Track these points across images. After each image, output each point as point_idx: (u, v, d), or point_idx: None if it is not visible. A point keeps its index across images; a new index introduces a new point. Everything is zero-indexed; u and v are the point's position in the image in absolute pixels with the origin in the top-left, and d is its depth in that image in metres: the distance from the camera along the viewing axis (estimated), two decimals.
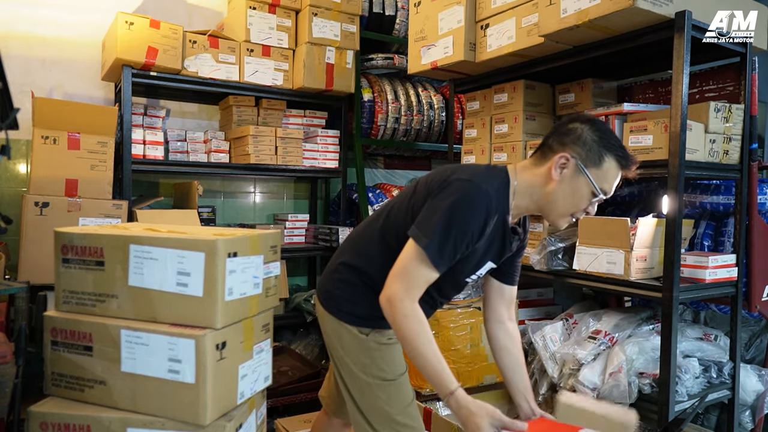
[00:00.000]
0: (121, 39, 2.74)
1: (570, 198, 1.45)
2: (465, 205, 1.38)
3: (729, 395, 2.23)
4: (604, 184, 1.45)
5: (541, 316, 2.90)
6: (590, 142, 1.44)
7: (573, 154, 1.44)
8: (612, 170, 1.45)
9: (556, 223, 1.52)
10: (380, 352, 1.57)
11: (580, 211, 1.48)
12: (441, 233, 1.37)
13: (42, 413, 1.45)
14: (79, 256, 1.52)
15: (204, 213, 3.21)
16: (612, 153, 1.44)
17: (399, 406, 1.55)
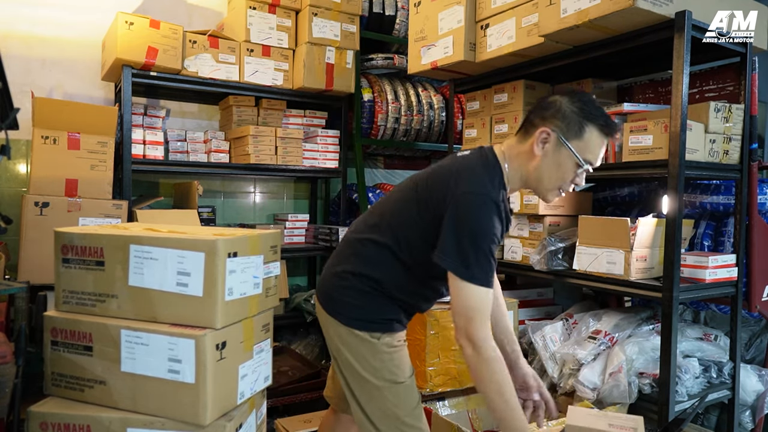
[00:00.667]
0: (121, 39, 2.74)
1: (555, 172, 1.47)
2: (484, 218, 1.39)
3: (729, 395, 2.23)
4: (587, 155, 1.46)
5: (541, 316, 2.90)
6: (570, 114, 1.45)
7: (553, 128, 1.45)
8: (594, 140, 1.46)
9: (546, 197, 1.53)
10: (391, 355, 1.55)
11: (567, 183, 1.49)
12: (475, 254, 1.37)
13: (42, 413, 1.45)
14: (79, 256, 1.52)
15: (204, 213, 3.21)
16: (593, 122, 1.45)
17: (407, 408, 1.55)
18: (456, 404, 2.41)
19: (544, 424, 1.71)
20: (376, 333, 1.55)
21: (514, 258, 2.71)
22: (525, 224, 2.66)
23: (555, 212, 2.58)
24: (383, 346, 1.55)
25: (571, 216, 2.62)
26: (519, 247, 2.69)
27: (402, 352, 1.59)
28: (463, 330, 1.40)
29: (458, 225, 1.40)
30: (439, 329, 2.22)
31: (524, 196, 2.60)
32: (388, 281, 1.54)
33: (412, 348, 2.24)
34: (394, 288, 1.50)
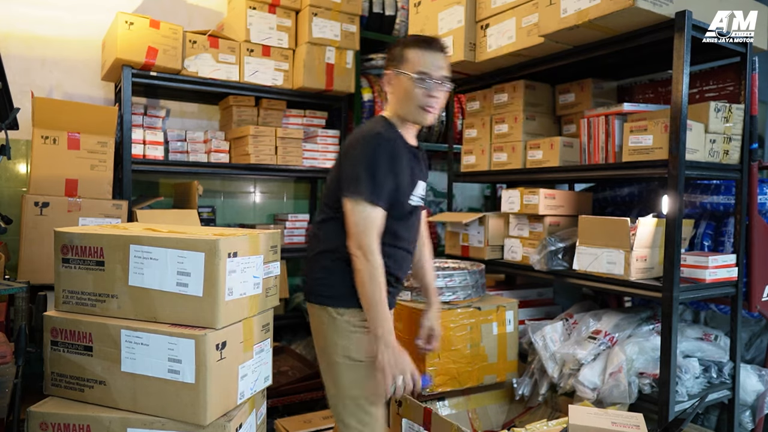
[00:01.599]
0: (121, 39, 2.74)
1: (406, 96, 1.66)
2: (370, 147, 1.60)
3: (729, 395, 2.23)
4: (418, 68, 1.64)
5: (541, 316, 2.90)
6: (394, 52, 1.70)
7: (389, 68, 1.72)
8: (417, 56, 1.65)
9: (418, 120, 1.69)
10: (353, 334, 1.65)
11: (424, 100, 1.65)
12: (365, 177, 1.57)
13: (42, 413, 1.45)
14: (79, 256, 1.52)
15: (204, 213, 3.21)
16: (408, 46, 1.67)
17: (359, 390, 1.63)
18: (456, 404, 2.41)
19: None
20: (340, 309, 1.65)
21: (514, 258, 2.71)
22: (525, 224, 2.66)
23: (555, 212, 2.58)
24: (345, 323, 1.65)
25: (571, 216, 2.62)
26: (519, 247, 2.69)
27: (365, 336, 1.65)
28: (356, 240, 1.57)
29: (351, 161, 1.61)
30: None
31: (524, 196, 2.60)
32: (342, 245, 1.63)
33: (413, 348, 2.24)
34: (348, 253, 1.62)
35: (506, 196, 2.71)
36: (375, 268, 1.55)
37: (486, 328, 2.33)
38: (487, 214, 2.81)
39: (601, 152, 2.35)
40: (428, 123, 1.71)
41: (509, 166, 2.75)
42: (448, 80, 1.69)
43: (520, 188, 2.64)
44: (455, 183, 3.17)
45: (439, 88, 1.66)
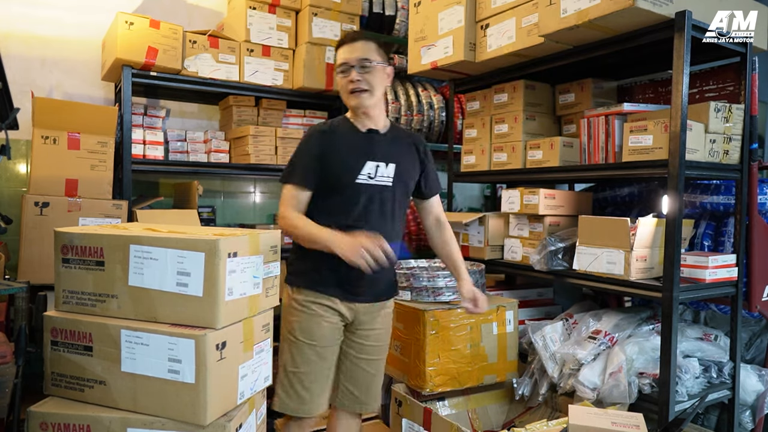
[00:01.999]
0: (121, 39, 2.74)
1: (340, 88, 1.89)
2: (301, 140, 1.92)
3: (729, 395, 2.23)
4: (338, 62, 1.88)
5: (541, 316, 2.90)
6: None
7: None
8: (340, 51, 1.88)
9: (351, 104, 1.88)
10: (297, 313, 1.85)
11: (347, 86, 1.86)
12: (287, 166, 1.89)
13: (42, 413, 1.45)
14: (79, 256, 1.52)
15: (204, 213, 3.21)
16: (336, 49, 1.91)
17: (292, 365, 1.83)
18: (456, 404, 2.41)
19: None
20: (293, 287, 1.88)
21: (514, 258, 2.71)
22: (525, 224, 2.66)
23: (555, 212, 2.58)
24: (293, 302, 1.87)
25: (571, 216, 2.62)
26: (519, 247, 2.69)
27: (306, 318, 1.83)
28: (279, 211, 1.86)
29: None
30: (439, 329, 2.22)
31: (524, 196, 2.60)
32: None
33: (413, 348, 2.24)
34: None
35: (506, 196, 2.71)
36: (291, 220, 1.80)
37: (486, 328, 2.33)
38: (487, 214, 2.81)
39: (601, 152, 2.35)
40: (360, 104, 1.86)
41: (509, 166, 2.75)
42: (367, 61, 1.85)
43: (520, 188, 2.64)
44: (455, 183, 3.17)
45: (354, 71, 1.84)
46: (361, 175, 1.85)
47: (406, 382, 2.34)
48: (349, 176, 1.83)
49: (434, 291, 2.29)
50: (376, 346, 1.96)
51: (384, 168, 1.89)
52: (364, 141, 1.89)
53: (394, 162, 1.91)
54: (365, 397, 1.96)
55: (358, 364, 1.93)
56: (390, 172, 1.90)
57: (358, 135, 1.90)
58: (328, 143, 1.85)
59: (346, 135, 1.89)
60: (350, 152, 1.86)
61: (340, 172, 1.84)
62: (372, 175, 1.87)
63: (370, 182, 1.86)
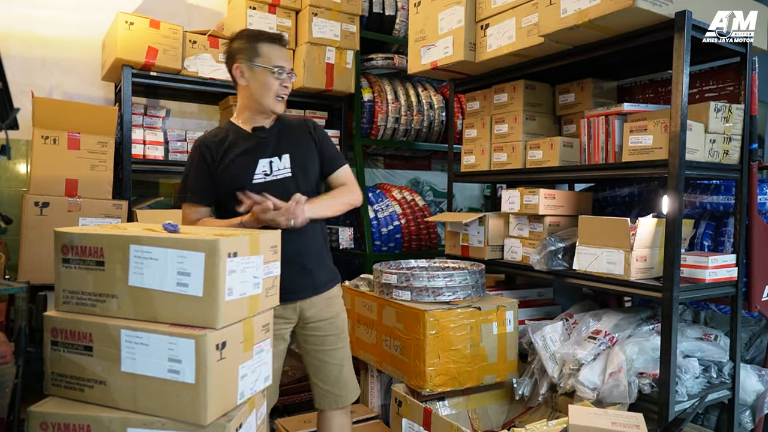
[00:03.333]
0: (121, 39, 2.74)
1: (264, 87, 1.82)
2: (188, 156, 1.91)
3: (729, 395, 2.23)
4: (275, 62, 1.82)
5: (541, 316, 2.90)
6: (243, 46, 1.83)
7: (239, 62, 1.83)
8: (271, 50, 1.83)
9: (273, 108, 1.86)
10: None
11: (280, 89, 1.84)
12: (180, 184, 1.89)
13: (42, 413, 1.45)
14: (79, 256, 1.52)
15: None
16: (260, 40, 1.83)
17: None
18: (456, 404, 2.41)
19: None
20: None
21: (514, 258, 2.71)
22: (525, 224, 2.66)
23: (555, 212, 2.58)
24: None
25: (571, 216, 2.62)
26: (519, 247, 2.69)
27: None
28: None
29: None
30: (439, 329, 2.22)
31: (524, 196, 2.60)
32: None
33: (413, 348, 2.24)
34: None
35: (506, 196, 2.71)
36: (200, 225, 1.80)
37: (486, 328, 2.33)
38: (487, 214, 2.81)
39: (601, 152, 2.35)
40: (281, 111, 1.89)
41: (509, 166, 2.75)
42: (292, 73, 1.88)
43: (520, 188, 2.64)
44: (455, 183, 3.17)
45: (290, 79, 1.87)
46: (256, 175, 1.84)
47: (406, 382, 2.34)
48: (244, 179, 1.82)
49: (434, 291, 2.29)
50: (332, 336, 1.96)
51: (279, 162, 1.88)
52: (251, 141, 1.88)
53: (287, 153, 1.89)
54: (338, 389, 1.96)
55: (320, 357, 1.94)
56: (286, 164, 1.89)
57: (244, 136, 1.88)
58: (215, 154, 1.84)
59: (232, 140, 1.87)
60: (239, 156, 1.84)
61: (234, 178, 1.82)
62: (268, 172, 1.86)
63: (269, 179, 1.85)
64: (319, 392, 1.96)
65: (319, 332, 1.94)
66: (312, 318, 1.92)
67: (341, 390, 1.97)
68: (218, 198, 1.87)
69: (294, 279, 1.86)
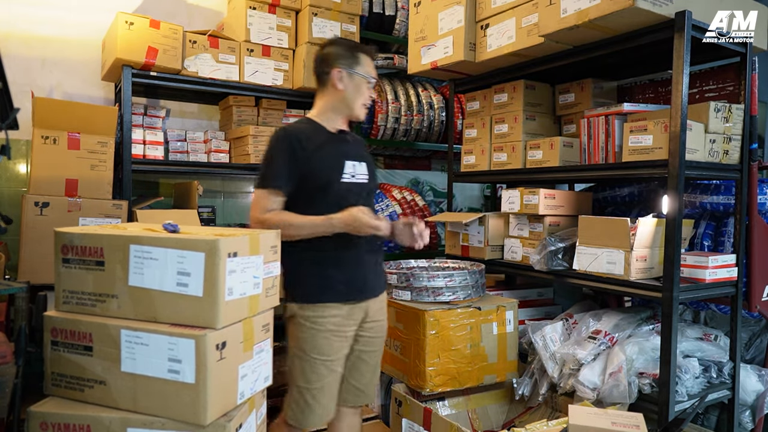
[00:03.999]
0: (121, 39, 2.74)
1: (358, 94, 1.93)
2: (272, 142, 1.86)
3: (729, 395, 2.23)
4: (370, 72, 1.94)
5: (541, 316, 2.90)
6: (343, 53, 1.91)
7: (340, 67, 1.90)
8: (368, 61, 1.94)
9: (360, 114, 1.95)
10: (305, 329, 1.83)
11: (367, 98, 1.95)
12: (261, 168, 1.85)
13: (42, 413, 1.45)
14: (79, 256, 1.52)
15: (204, 213, 3.21)
16: (361, 51, 1.94)
17: (304, 381, 1.84)
18: (456, 404, 2.41)
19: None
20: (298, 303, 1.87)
21: (514, 258, 2.71)
22: (525, 224, 2.66)
23: (555, 212, 2.58)
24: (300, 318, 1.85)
25: (571, 216, 2.63)
26: (519, 247, 2.69)
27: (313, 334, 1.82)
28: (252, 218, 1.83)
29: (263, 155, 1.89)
30: (439, 329, 2.22)
31: (524, 196, 2.60)
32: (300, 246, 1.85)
33: (413, 348, 2.24)
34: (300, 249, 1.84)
35: (506, 196, 2.71)
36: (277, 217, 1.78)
37: (486, 328, 2.33)
38: (487, 214, 2.81)
39: (601, 152, 2.35)
40: (363, 118, 1.99)
41: (509, 166, 2.75)
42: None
43: (520, 188, 2.64)
44: (455, 183, 3.17)
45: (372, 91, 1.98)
46: (344, 174, 1.88)
47: (406, 382, 2.34)
48: (335, 176, 1.85)
49: (434, 291, 2.29)
50: (379, 338, 2.01)
51: (359, 166, 1.94)
52: (339, 141, 1.93)
53: (364, 161, 1.97)
54: (367, 389, 2.00)
55: (363, 357, 1.96)
56: (364, 170, 1.96)
57: (331, 136, 1.92)
58: (306, 146, 1.83)
59: (320, 136, 1.89)
60: (329, 153, 1.87)
61: (325, 173, 1.84)
62: (353, 174, 1.91)
63: (353, 180, 1.90)
64: (349, 389, 1.97)
65: (370, 333, 1.97)
66: (369, 318, 1.95)
67: (368, 390, 2.01)
68: (300, 192, 1.84)
69: (369, 278, 1.92)
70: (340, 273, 1.84)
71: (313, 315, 1.82)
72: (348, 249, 1.86)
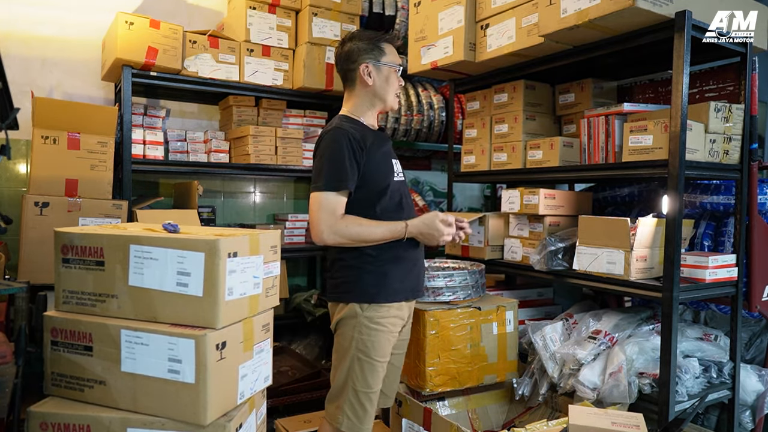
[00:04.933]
0: (121, 39, 2.74)
1: (388, 84, 1.89)
2: (331, 143, 1.77)
3: (729, 395, 2.23)
4: (395, 60, 1.90)
5: (541, 316, 2.90)
6: (367, 46, 1.87)
7: (366, 61, 1.86)
8: (392, 50, 1.90)
9: (393, 104, 1.93)
10: (369, 330, 1.78)
11: (398, 87, 1.93)
12: (326, 170, 1.75)
13: (42, 413, 1.45)
14: (79, 256, 1.52)
15: (204, 213, 3.21)
16: (383, 40, 1.90)
17: (365, 386, 1.78)
18: (456, 404, 2.41)
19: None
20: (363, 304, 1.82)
21: (514, 258, 2.71)
22: (525, 224, 2.66)
23: (555, 212, 2.58)
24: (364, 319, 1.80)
25: (571, 216, 2.62)
26: (519, 247, 2.69)
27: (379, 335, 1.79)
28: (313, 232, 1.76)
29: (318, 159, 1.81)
30: (439, 329, 2.22)
31: (524, 196, 2.60)
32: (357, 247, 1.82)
33: (413, 348, 2.24)
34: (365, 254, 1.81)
35: (506, 196, 2.71)
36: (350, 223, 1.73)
37: (486, 328, 2.33)
38: (487, 214, 2.81)
39: (601, 152, 2.35)
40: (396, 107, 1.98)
41: (509, 166, 2.75)
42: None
43: (520, 188, 2.64)
44: (455, 183, 3.17)
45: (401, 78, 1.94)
46: (394, 173, 1.89)
47: (406, 382, 2.34)
48: (390, 176, 1.86)
49: (434, 291, 2.29)
50: (405, 341, 2.03)
51: (398, 165, 1.96)
52: (383, 140, 1.92)
53: (396, 159, 1.98)
54: (389, 391, 2.01)
55: (392, 360, 1.96)
56: (400, 168, 1.97)
57: (377, 134, 1.90)
58: (363, 146, 1.79)
59: (370, 136, 1.85)
60: (381, 153, 1.87)
61: (383, 174, 1.83)
62: (398, 173, 1.93)
63: (399, 179, 1.92)
64: None
65: (403, 336, 1.98)
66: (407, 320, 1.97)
67: (390, 392, 2.02)
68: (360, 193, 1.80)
69: (420, 277, 1.95)
70: (399, 271, 1.83)
71: (377, 315, 1.79)
72: (408, 248, 1.85)
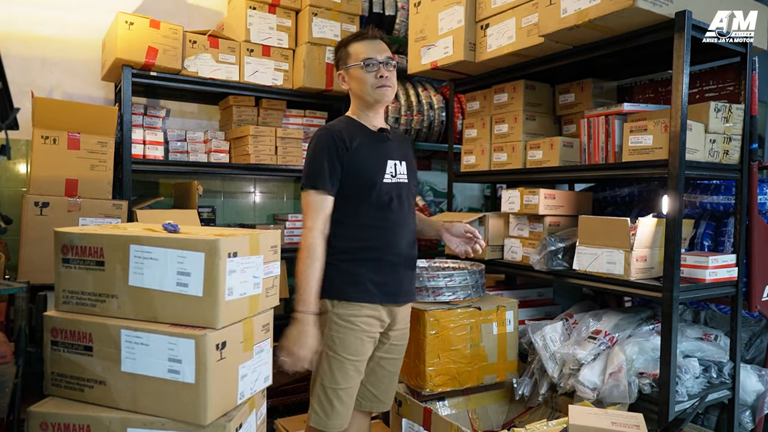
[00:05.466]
0: (121, 39, 2.74)
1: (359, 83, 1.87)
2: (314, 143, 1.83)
3: (729, 395, 2.23)
4: (359, 55, 1.86)
5: (541, 316, 2.90)
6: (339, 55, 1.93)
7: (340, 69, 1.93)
8: (357, 47, 1.88)
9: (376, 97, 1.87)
10: (338, 327, 1.80)
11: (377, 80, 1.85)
12: (308, 170, 1.81)
13: (42, 413, 1.45)
14: (79, 256, 1.52)
15: (204, 213, 3.21)
16: (348, 43, 1.90)
17: (332, 382, 1.81)
18: (456, 404, 2.41)
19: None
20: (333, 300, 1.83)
21: (514, 258, 2.71)
22: (525, 224, 2.66)
23: (555, 212, 2.58)
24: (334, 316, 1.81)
25: (571, 216, 2.63)
26: (519, 247, 2.69)
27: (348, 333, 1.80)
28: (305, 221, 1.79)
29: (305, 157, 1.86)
30: (439, 329, 2.22)
31: (524, 196, 2.60)
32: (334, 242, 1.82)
33: (413, 348, 2.24)
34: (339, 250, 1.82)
35: (506, 196, 2.71)
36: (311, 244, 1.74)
37: (486, 328, 2.33)
38: (487, 214, 2.81)
39: (601, 152, 2.35)
40: (389, 98, 1.90)
41: (509, 166, 2.75)
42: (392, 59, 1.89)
43: (520, 188, 2.64)
44: (455, 183, 3.17)
45: (385, 67, 1.86)
46: (386, 174, 1.86)
47: (406, 382, 2.34)
48: (377, 177, 1.84)
49: (434, 291, 2.29)
50: (401, 346, 1.99)
51: (400, 166, 1.92)
52: (380, 140, 1.90)
53: (404, 160, 1.95)
54: (384, 397, 1.99)
55: (382, 364, 1.94)
56: (404, 170, 1.94)
57: (371, 134, 1.90)
58: (347, 145, 1.81)
59: (361, 135, 1.86)
60: (371, 152, 1.85)
61: (368, 174, 1.82)
62: (393, 174, 1.89)
63: (393, 181, 1.88)
64: (365, 394, 1.95)
65: (393, 341, 1.95)
66: (394, 326, 1.93)
67: (384, 397, 1.99)
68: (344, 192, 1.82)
69: (404, 283, 1.91)
70: (375, 273, 1.82)
71: (346, 313, 1.80)
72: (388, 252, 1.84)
